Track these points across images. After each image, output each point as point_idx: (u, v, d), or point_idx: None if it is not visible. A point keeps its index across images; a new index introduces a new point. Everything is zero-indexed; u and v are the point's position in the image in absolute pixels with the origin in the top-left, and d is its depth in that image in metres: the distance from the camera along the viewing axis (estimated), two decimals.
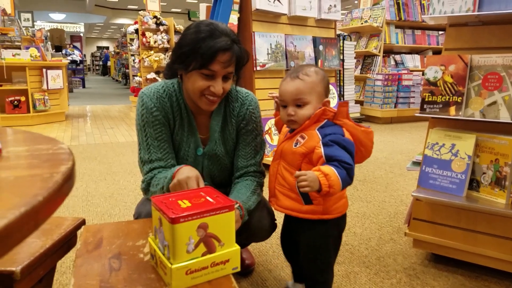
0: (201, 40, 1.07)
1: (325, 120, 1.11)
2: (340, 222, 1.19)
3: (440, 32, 6.10)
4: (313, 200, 1.11)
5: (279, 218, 2.10)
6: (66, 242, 1.09)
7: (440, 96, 1.52)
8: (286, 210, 1.16)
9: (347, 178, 1.02)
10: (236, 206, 1.11)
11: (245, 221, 1.15)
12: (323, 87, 1.13)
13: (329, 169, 0.99)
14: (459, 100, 1.48)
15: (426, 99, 1.54)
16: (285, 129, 1.23)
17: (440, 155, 1.51)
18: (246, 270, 1.54)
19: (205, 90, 1.11)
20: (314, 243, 1.17)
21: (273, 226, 1.33)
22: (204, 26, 1.09)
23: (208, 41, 1.06)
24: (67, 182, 0.47)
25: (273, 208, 1.31)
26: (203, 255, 0.80)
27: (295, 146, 1.11)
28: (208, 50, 1.05)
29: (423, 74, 1.54)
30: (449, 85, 1.50)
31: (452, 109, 1.49)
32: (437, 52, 5.99)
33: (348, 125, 1.10)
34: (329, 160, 1.03)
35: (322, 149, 1.04)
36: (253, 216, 1.22)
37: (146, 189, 1.19)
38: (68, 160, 0.53)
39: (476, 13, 1.39)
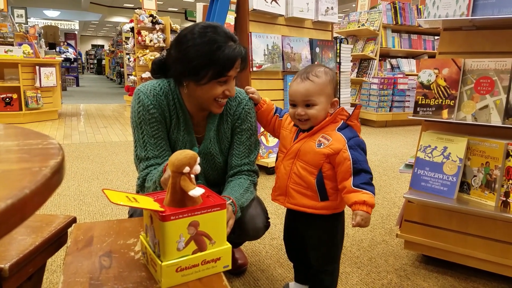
0: (215, 50, 1.07)
1: (342, 121, 1.16)
2: (343, 215, 1.25)
3: (436, 37, 6.15)
4: (329, 197, 1.16)
5: (276, 217, 2.10)
6: (56, 240, 1.07)
7: (433, 99, 1.53)
8: (302, 208, 1.18)
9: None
10: (229, 202, 1.11)
11: (238, 218, 1.15)
12: (332, 88, 1.16)
13: (369, 197, 1.06)
14: (451, 104, 1.49)
15: (420, 102, 1.56)
16: (290, 126, 1.24)
17: (432, 157, 1.52)
18: (238, 270, 1.54)
19: (220, 95, 1.13)
20: (326, 236, 1.22)
21: (267, 225, 1.33)
22: (211, 33, 1.09)
23: (224, 50, 1.08)
24: (56, 176, 0.46)
25: (266, 207, 1.30)
26: (193, 253, 0.79)
27: (318, 146, 1.13)
28: (228, 59, 1.08)
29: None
30: (442, 89, 1.51)
31: (445, 112, 1.51)
32: (432, 57, 6.01)
33: (357, 126, 1.18)
34: (355, 163, 1.09)
35: (349, 153, 1.09)
36: (247, 214, 1.23)
37: (141, 185, 1.19)
38: (58, 155, 0.53)
39: (470, 17, 1.41)
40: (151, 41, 6.30)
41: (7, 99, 5.01)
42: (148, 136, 1.17)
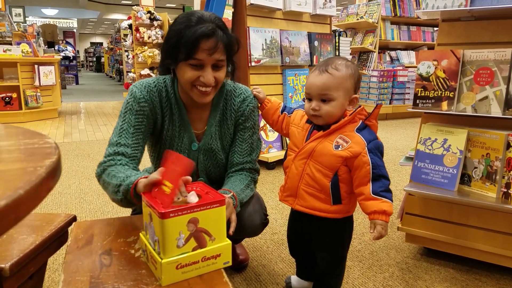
0: (183, 29, 1.05)
1: (360, 121, 1.10)
2: (352, 217, 1.22)
3: (435, 29, 6.11)
4: (342, 200, 1.12)
5: (276, 212, 2.11)
6: (57, 239, 1.08)
7: (433, 91, 1.52)
8: (313, 211, 1.14)
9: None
10: (229, 195, 1.09)
11: (237, 212, 1.14)
12: (352, 83, 1.09)
13: (389, 206, 1.03)
14: (451, 95, 1.48)
15: (419, 94, 1.55)
16: (301, 122, 1.19)
17: (432, 150, 1.51)
18: (240, 265, 1.54)
19: (196, 81, 1.09)
20: (335, 240, 1.18)
21: (265, 222, 1.33)
22: (189, 16, 1.08)
23: (190, 29, 1.04)
24: (51, 176, 0.46)
25: (266, 202, 1.29)
26: (193, 249, 0.79)
27: (336, 148, 1.07)
28: (190, 38, 1.03)
29: None
30: (442, 80, 1.50)
31: (444, 104, 1.50)
32: (432, 48, 5.99)
33: (375, 126, 1.12)
34: (375, 169, 1.04)
35: (368, 157, 1.04)
36: (244, 211, 1.22)
37: (100, 174, 1.08)
38: (53, 154, 0.52)
39: (468, 8, 1.39)
40: (149, 37, 6.26)
41: (7, 99, 5.01)
42: (128, 125, 1.12)
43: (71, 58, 13.21)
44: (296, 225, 1.28)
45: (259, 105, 1.31)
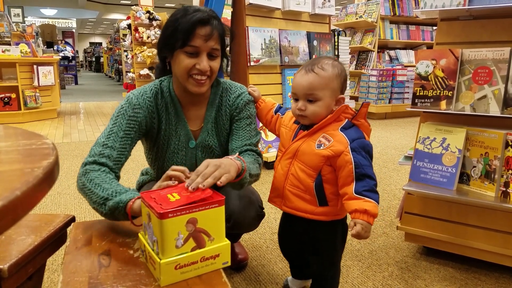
0: (180, 17, 1.09)
1: (346, 120, 1.08)
2: (346, 220, 1.19)
3: (434, 28, 6.11)
4: (329, 202, 1.10)
5: (277, 212, 2.11)
6: (56, 240, 1.08)
7: (431, 91, 1.52)
8: (299, 212, 1.12)
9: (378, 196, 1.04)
10: (234, 156, 1.03)
11: (230, 209, 1.12)
12: (338, 83, 1.08)
13: (372, 206, 0.99)
14: (449, 94, 1.48)
15: (418, 94, 1.55)
16: (290, 123, 1.19)
17: (431, 149, 1.51)
18: (239, 265, 1.54)
19: (192, 69, 1.10)
20: (325, 243, 1.16)
21: (261, 214, 1.30)
22: (186, 7, 1.11)
23: (186, 17, 1.08)
24: (49, 177, 0.46)
25: (260, 198, 1.28)
26: (192, 250, 0.79)
27: (318, 147, 1.06)
28: (186, 23, 1.06)
29: None
30: (440, 80, 1.50)
31: (443, 103, 1.50)
32: (431, 47, 6.00)
33: (364, 126, 1.09)
34: (358, 168, 1.02)
35: (351, 156, 1.02)
36: (240, 205, 1.21)
37: (80, 176, 1.03)
38: (51, 155, 0.52)
39: (467, 7, 1.39)
40: (148, 37, 6.25)
41: (6, 99, 5.00)
42: (118, 128, 1.10)
43: (70, 58, 13.21)
44: (286, 226, 1.27)
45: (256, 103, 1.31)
